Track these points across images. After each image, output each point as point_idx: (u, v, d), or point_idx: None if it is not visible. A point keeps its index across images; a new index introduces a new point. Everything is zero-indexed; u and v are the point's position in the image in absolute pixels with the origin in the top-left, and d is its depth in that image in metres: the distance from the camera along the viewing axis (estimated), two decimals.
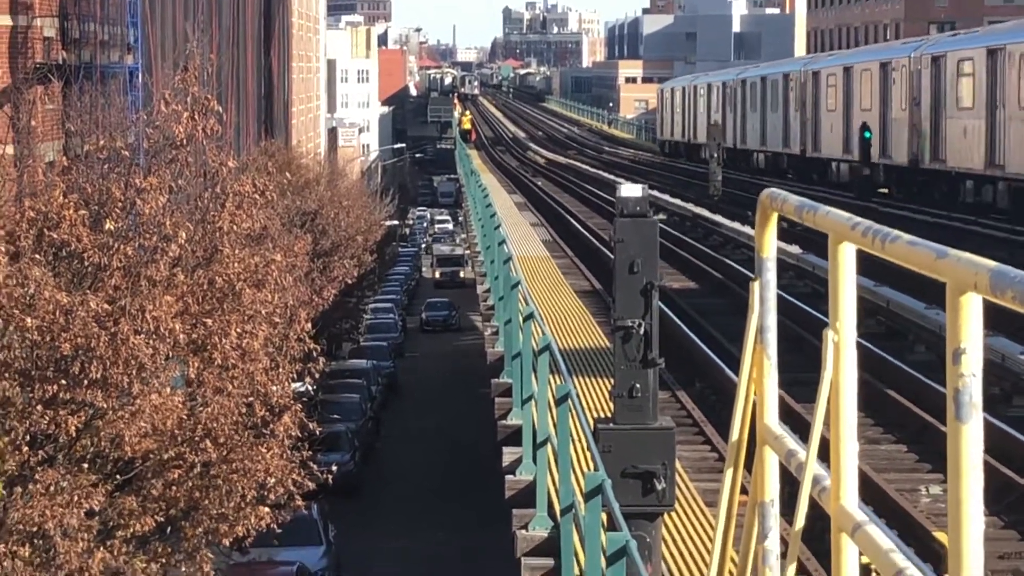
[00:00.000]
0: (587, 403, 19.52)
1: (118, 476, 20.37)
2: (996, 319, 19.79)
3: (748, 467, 4.97)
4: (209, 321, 21.57)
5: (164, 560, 20.97)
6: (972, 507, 3.21)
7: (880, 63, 47.53)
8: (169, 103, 22.73)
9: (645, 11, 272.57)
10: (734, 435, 5.07)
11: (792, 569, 4.51)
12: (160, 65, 45.90)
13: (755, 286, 4.88)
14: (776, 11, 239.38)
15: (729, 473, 5.16)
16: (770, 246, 4.88)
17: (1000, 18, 69.06)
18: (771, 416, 4.85)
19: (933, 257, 3.31)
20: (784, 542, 4.88)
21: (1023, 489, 16.36)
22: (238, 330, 21.77)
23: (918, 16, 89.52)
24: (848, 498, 4.05)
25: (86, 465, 19.53)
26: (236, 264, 22.37)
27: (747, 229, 42.20)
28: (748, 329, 4.91)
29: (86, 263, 20.61)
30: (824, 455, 4.17)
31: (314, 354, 24.48)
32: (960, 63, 40.21)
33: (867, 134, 47.94)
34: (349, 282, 51.62)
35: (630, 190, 12.36)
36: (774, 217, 4.85)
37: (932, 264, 3.32)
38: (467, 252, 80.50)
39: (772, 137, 62.58)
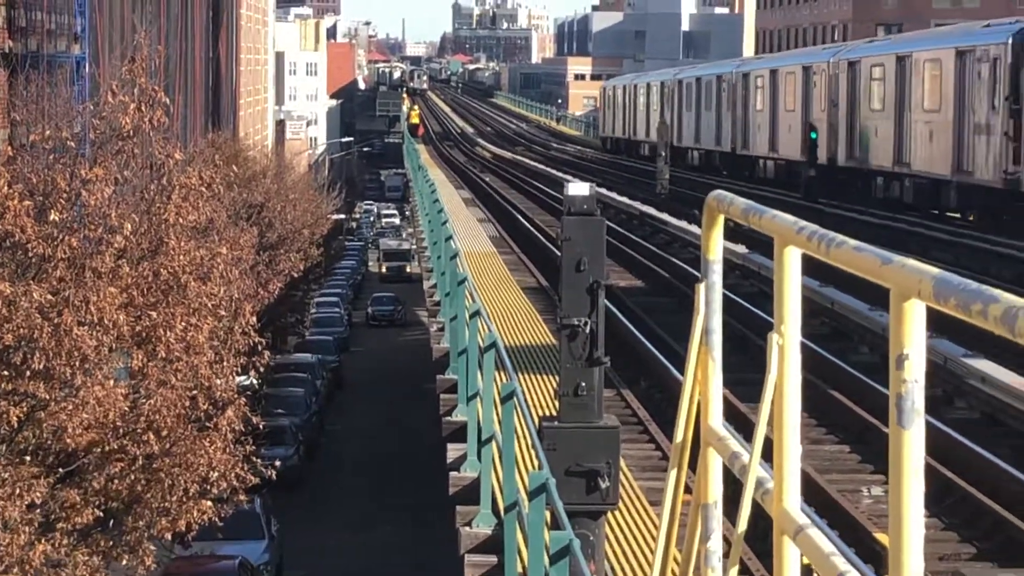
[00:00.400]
0: (532, 401, 19.54)
1: (60, 468, 20.27)
2: (939, 321, 19.95)
3: (692, 467, 4.99)
4: (154, 313, 21.49)
5: (105, 553, 20.87)
6: (913, 511, 3.23)
7: (803, 67, 49.86)
8: (116, 94, 22.61)
9: (595, 8, 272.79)
10: (678, 436, 5.09)
11: (735, 571, 4.54)
12: (107, 55, 45.66)
13: (701, 288, 4.90)
14: (725, 11, 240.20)
15: (673, 474, 5.17)
16: (716, 248, 4.90)
17: (947, 21, 69.51)
18: (715, 418, 4.87)
19: (878, 263, 3.33)
20: (727, 542, 4.91)
21: (963, 491, 16.47)
22: (183, 323, 21.70)
23: (866, 18, 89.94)
24: (791, 501, 4.07)
25: (28, 457, 19.43)
26: (182, 256, 22.29)
27: (693, 228, 42.33)
28: (693, 331, 4.93)
29: (30, 254, 20.48)
30: (767, 456, 4.19)
31: (259, 348, 24.42)
32: (872, 68, 42.65)
33: (813, 134, 48.17)
34: (295, 276, 51.54)
35: (578, 188, 12.37)
36: (720, 219, 4.87)
37: (877, 270, 3.34)
38: (414, 247, 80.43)
39: (706, 135, 64.42)
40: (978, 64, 34.59)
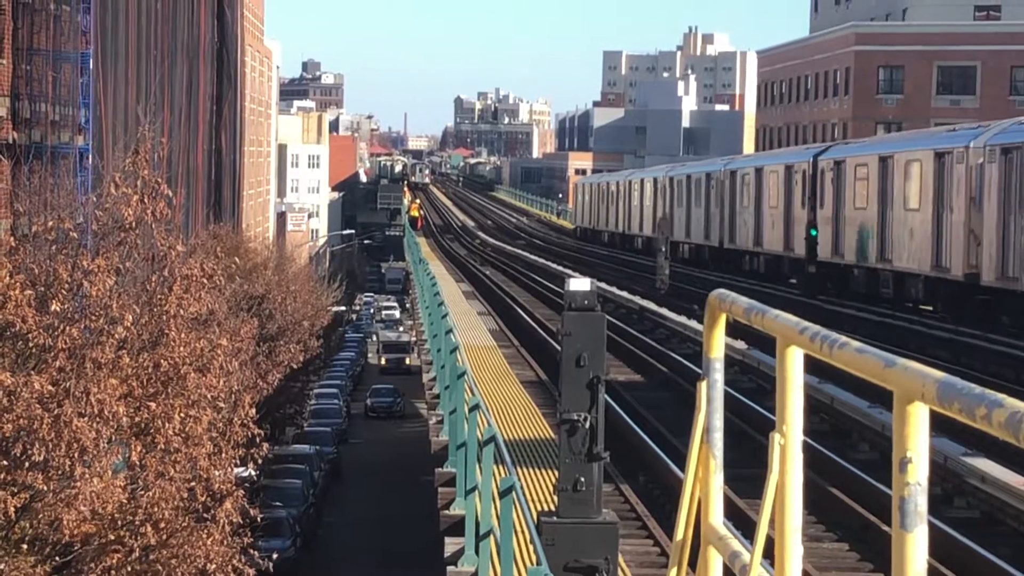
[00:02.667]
0: (531, 495, 19.47)
1: (57, 559, 20.16)
2: (938, 420, 19.92)
3: (692, 565, 4.98)
4: (153, 405, 21.47)
5: None
6: None
7: (785, 166, 52.75)
8: (119, 185, 22.71)
9: (596, 104, 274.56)
10: (679, 534, 5.08)
11: None
12: (111, 146, 45.88)
13: (702, 386, 4.91)
14: (726, 108, 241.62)
15: (673, 572, 5.16)
16: (718, 346, 4.91)
17: (947, 119, 69.86)
18: (716, 516, 4.87)
19: (881, 366, 3.34)
20: None
21: None
22: (182, 414, 21.67)
23: (865, 115, 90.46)
24: None
25: (25, 547, 19.33)
26: (182, 348, 22.30)
27: (693, 323, 42.36)
28: (695, 429, 4.94)
29: (31, 344, 20.49)
30: (768, 555, 4.19)
31: (258, 440, 24.37)
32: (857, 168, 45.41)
33: (813, 232, 48.32)
34: (295, 367, 51.50)
35: (578, 284, 12.42)
36: (722, 318, 4.89)
37: (880, 372, 3.35)
38: (413, 339, 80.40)
39: (696, 230, 67.59)
40: (956, 165, 37.08)
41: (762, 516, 4.16)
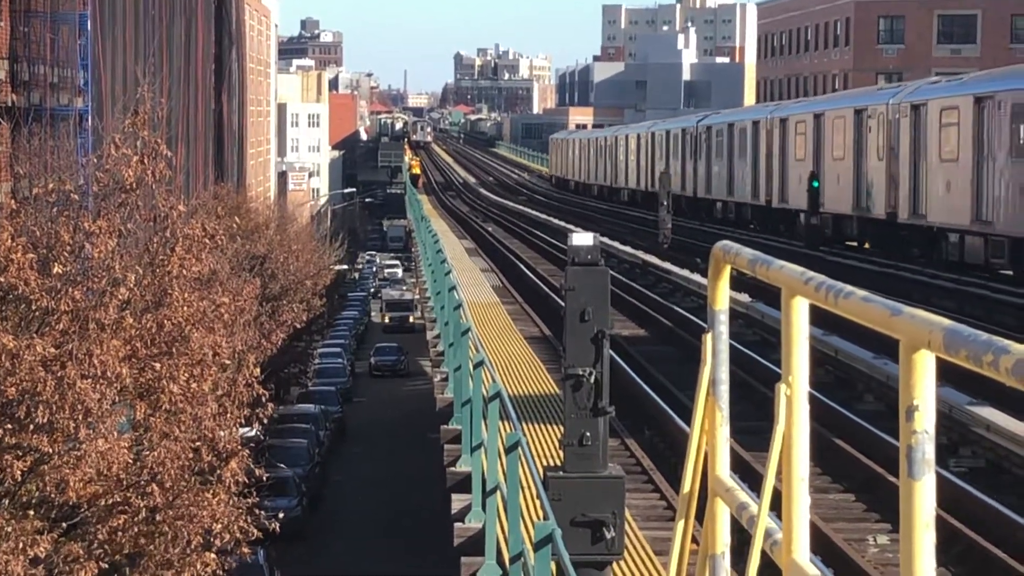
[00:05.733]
0: (537, 451, 19.49)
1: (63, 522, 20.20)
2: (943, 370, 19.91)
3: (699, 518, 4.97)
4: (157, 365, 21.46)
5: None
6: (925, 563, 3.21)
7: (752, 121, 58.88)
8: (119, 147, 22.65)
9: (596, 59, 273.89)
10: (685, 487, 5.07)
11: None
12: (110, 108, 45.78)
13: (707, 338, 4.89)
14: (726, 60, 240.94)
15: (680, 525, 5.15)
16: (722, 298, 4.89)
17: (948, 69, 69.66)
18: (723, 468, 4.85)
19: (887, 314, 3.32)
20: None
21: (970, 540, 16.41)
22: (186, 374, 21.66)
23: (866, 66, 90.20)
24: (800, 552, 4.05)
25: (31, 511, 19.37)
26: (185, 308, 22.27)
27: (696, 277, 42.36)
28: (700, 381, 4.92)
29: (33, 307, 20.46)
30: (775, 507, 4.17)
31: (262, 400, 24.38)
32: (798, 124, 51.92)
33: (815, 183, 48.31)
34: (298, 326, 51.49)
35: (581, 239, 12.38)
36: (727, 270, 4.86)
37: (886, 321, 3.33)
38: (416, 297, 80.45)
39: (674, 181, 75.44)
40: (869, 120, 43.96)
41: (769, 467, 4.14)
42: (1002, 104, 34.23)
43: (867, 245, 45.84)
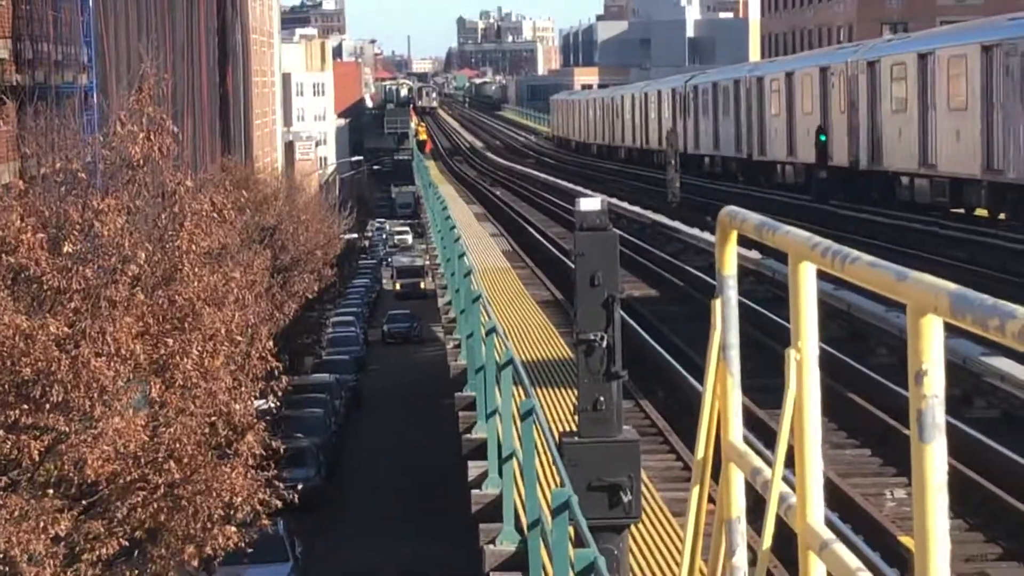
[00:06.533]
0: (551, 416, 19.53)
1: (83, 500, 20.28)
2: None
3: (715, 478, 4.99)
4: (170, 341, 21.50)
5: None
6: (938, 525, 3.22)
7: (733, 80, 62.58)
8: (125, 124, 22.65)
9: (599, 18, 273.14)
10: (699, 452, 5.09)
11: None
12: (115, 84, 45.75)
13: (716, 303, 4.90)
14: (730, 15, 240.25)
15: (695, 491, 5.17)
16: (730, 263, 4.90)
17: (952, 18, 69.38)
18: (735, 433, 4.87)
19: (893, 279, 3.32)
20: (752, 552, 4.91)
21: (986, 491, 16.44)
22: (199, 349, 21.70)
23: (870, 17, 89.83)
24: (815, 516, 4.06)
25: (50, 490, 19.45)
26: (196, 283, 22.31)
27: (706, 235, 42.34)
28: (711, 346, 4.93)
29: (45, 287, 20.51)
30: (789, 466, 4.19)
31: (276, 372, 24.42)
32: (773, 82, 55.72)
33: (822, 137, 48.25)
34: (310, 296, 51.54)
35: (589, 204, 12.37)
36: (734, 235, 4.88)
37: (893, 286, 3.33)
38: (427, 263, 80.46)
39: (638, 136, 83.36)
40: (832, 77, 47.67)
41: (781, 432, 4.16)
42: (939, 59, 38.24)
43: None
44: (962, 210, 38.33)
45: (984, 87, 35.06)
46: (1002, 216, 36.32)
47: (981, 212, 37.54)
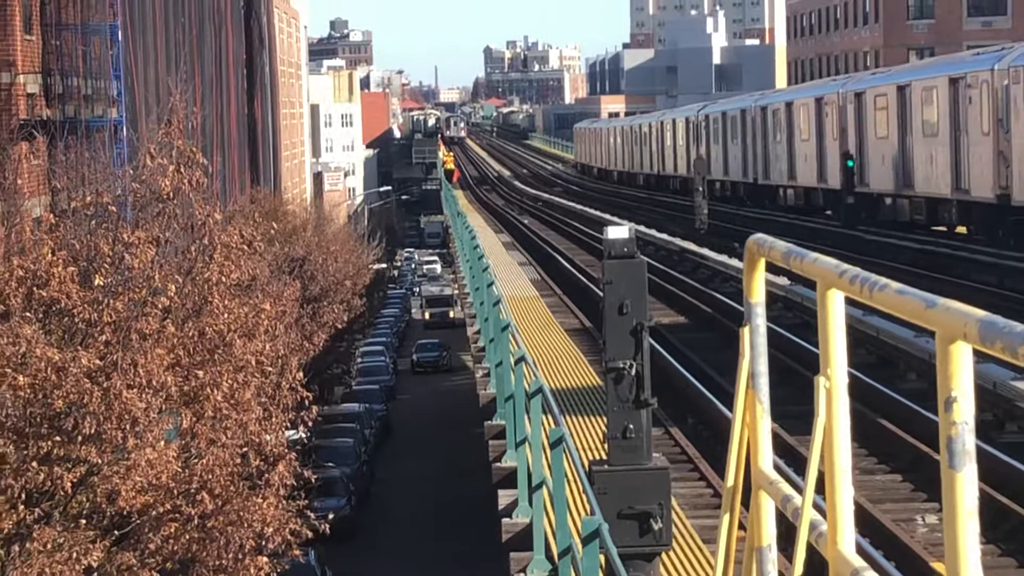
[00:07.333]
0: (581, 444, 19.53)
1: (115, 531, 20.33)
2: None
3: (746, 505, 5.00)
4: (201, 372, 21.57)
5: None
6: (969, 552, 3.23)
7: (740, 110, 65.81)
8: (154, 157, 22.77)
9: (626, 46, 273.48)
10: (729, 480, 5.10)
11: None
12: (144, 117, 45.96)
13: (745, 332, 4.91)
14: (756, 42, 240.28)
15: (726, 518, 5.18)
16: (758, 291, 4.91)
17: (980, 42, 69.26)
18: (766, 461, 4.88)
19: (923, 307, 3.34)
20: None
21: (1019, 517, 16.37)
22: (229, 381, 21.77)
23: (897, 43, 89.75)
24: (845, 543, 4.07)
25: (83, 521, 19.50)
26: (226, 315, 22.38)
27: (734, 262, 42.29)
28: (739, 375, 4.94)
29: (76, 319, 20.60)
30: (819, 493, 4.20)
31: (307, 402, 24.47)
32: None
33: (850, 163, 48.23)
34: (339, 326, 51.64)
35: (617, 232, 12.40)
36: (762, 263, 4.90)
37: (922, 313, 3.35)
38: (456, 292, 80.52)
39: (668, 164, 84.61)
40: (826, 107, 51.93)
41: (811, 460, 4.17)
42: (914, 91, 42.33)
43: (828, 213, 52.59)
44: (943, 228, 42.12)
45: (952, 115, 39.04)
46: (960, 229, 40.44)
47: (960, 229, 41.04)
